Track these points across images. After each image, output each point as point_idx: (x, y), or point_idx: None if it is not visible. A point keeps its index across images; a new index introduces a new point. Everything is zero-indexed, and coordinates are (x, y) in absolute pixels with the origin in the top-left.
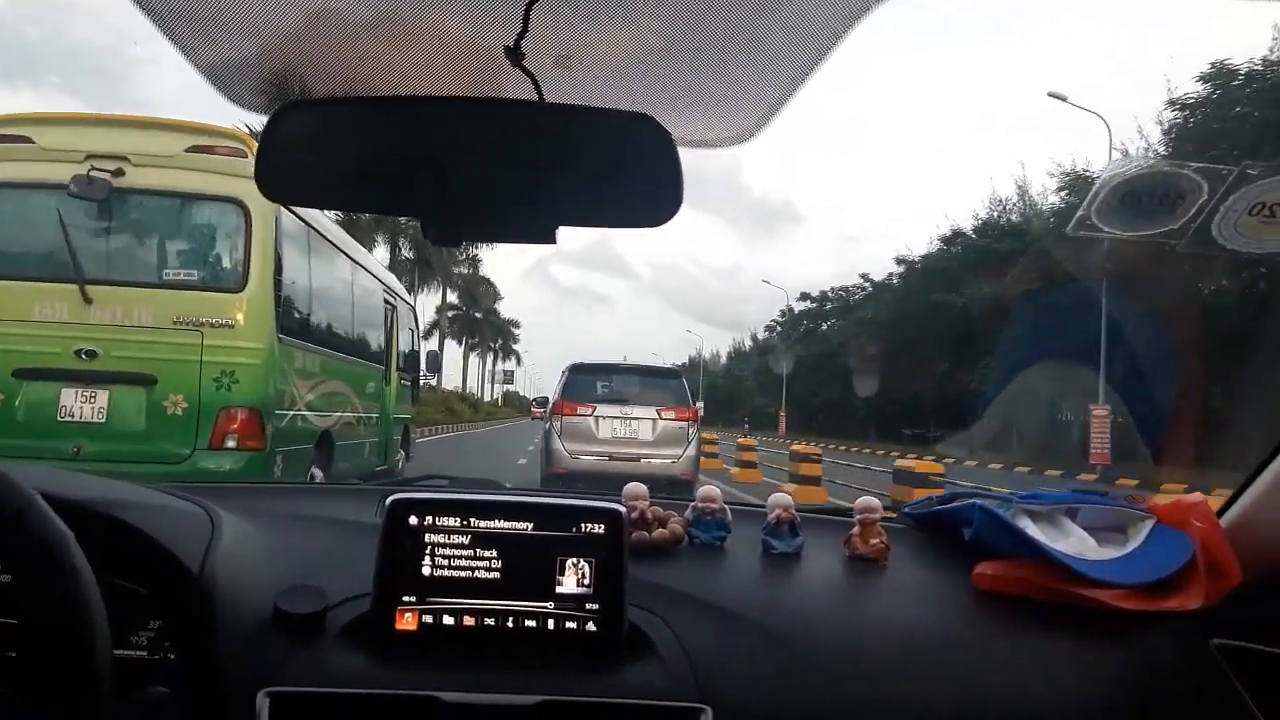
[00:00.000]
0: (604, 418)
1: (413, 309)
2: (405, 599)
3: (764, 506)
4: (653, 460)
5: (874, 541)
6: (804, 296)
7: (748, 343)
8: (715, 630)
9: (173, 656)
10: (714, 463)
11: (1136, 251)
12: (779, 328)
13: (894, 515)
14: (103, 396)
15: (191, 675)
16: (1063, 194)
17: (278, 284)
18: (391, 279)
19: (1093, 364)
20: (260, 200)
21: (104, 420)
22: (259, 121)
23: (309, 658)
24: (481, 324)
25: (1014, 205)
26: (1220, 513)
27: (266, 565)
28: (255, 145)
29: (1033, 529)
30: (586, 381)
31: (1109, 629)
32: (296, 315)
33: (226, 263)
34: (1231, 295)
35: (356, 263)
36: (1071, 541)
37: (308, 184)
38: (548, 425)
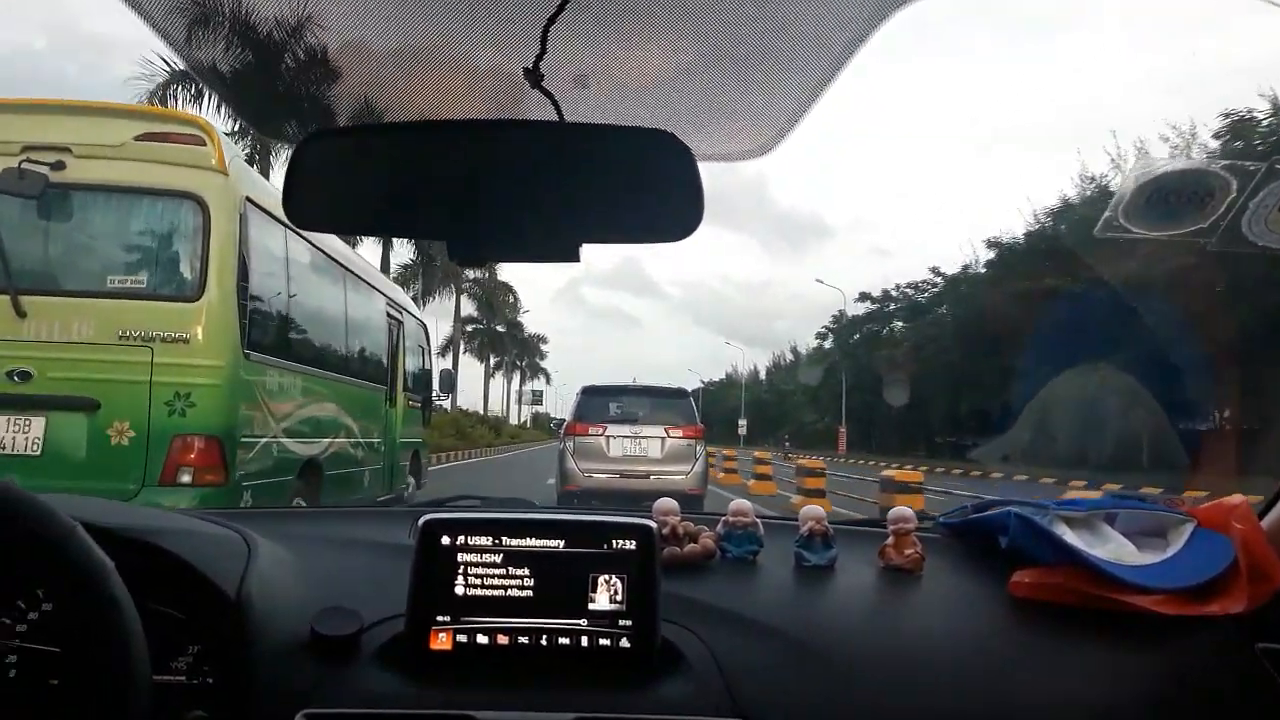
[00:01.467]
0: (614, 437)
1: (423, 325)
2: (439, 619)
3: (796, 520)
4: (662, 477)
5: (909, 552)
6: (863, 296)
7: (789, 356)
8: (749, 645)
9: (211, 680)
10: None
11: None
12: (830, 334)
13: (929, 525)
14: (38, 425)
15: (230, 698)
16: (1222, 142)
17: (243, 292)
18: (397, 292)
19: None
20: (221, 195)
21: (39, 452)
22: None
23: (345, 679)
24: (504, 338)
25: (1111, 179)
26: (1261, 514)
27: (302, 588)
28: (215, 133)
29: (1070, 535)
30: (598, 403)
31: (1151, 635)
32: (270, 329)
33: (181, 268)
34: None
35: (349, 270)
36: (1110, 547)
37: (334, 211)
38: (562, 446)
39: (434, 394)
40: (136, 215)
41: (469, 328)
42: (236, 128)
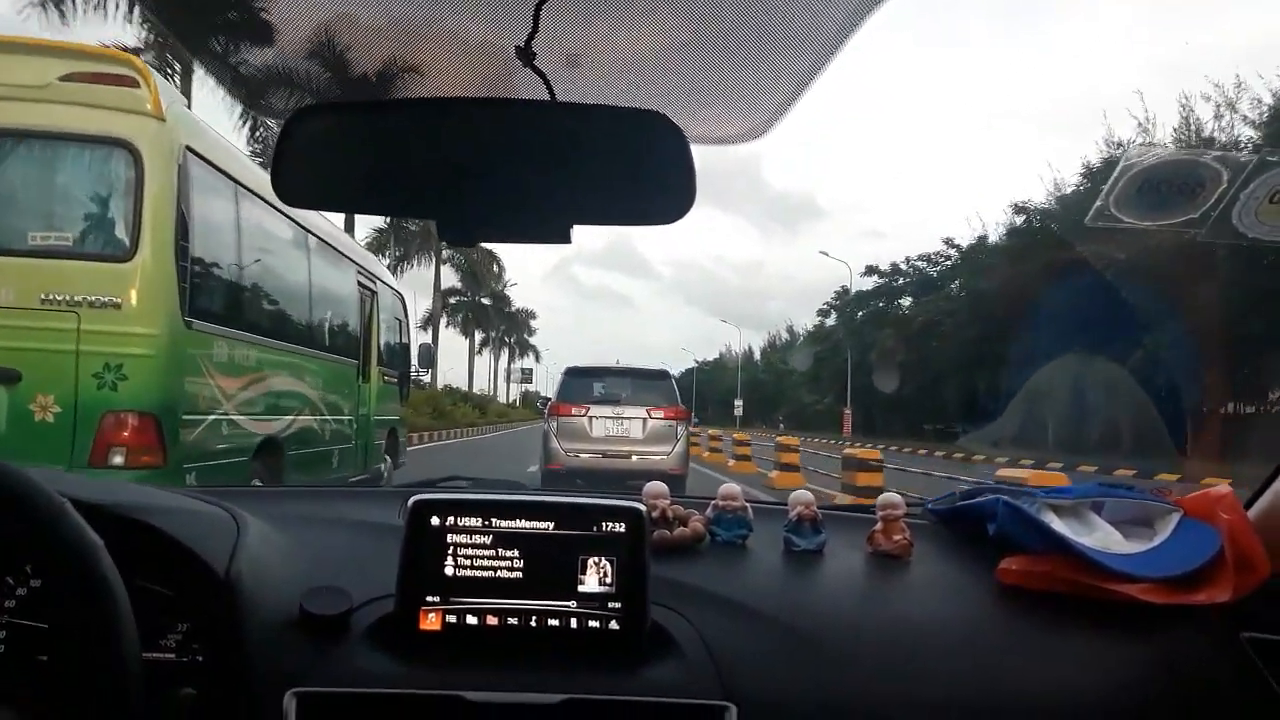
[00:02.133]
0: (597, 418)
1: (399, 296)
2: (429, 599)
3: (785, 504)
4: (644, 457)
5: (897, 538)
6: (870, 270)
7: (784, 335)
8: (738, 628)
9: (201, 658)
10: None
11: None
12: (833, 311)
13: (917, 511)
14: None
15: (219, 676)
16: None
17: (183, 252)
18: (370, 260)
19: None
20: (157, 143)
21: None
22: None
23: (335, 658)
24: (489, 312)
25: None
26: (1247, 505)
27: (291, 567)
28: (150, 72)
29: (1057, 523)
30: (581, 384)
31: (1137, 623)
32: (216, 294)
33: (112, 224)
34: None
35: (313, 234)
36: (1097, 535)
37: (323, 188)
38: (546, 426)
39: (413, 369)
40: (62, 165)
41: (451, 299)
42: (150, 39)
